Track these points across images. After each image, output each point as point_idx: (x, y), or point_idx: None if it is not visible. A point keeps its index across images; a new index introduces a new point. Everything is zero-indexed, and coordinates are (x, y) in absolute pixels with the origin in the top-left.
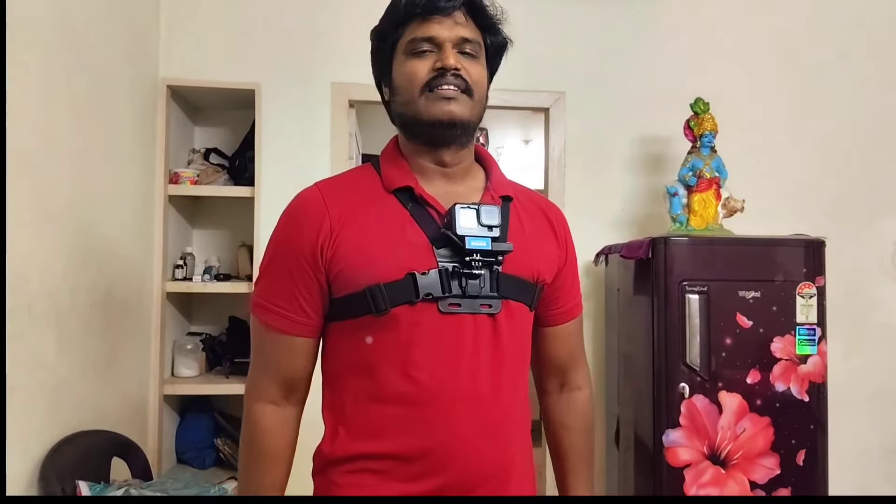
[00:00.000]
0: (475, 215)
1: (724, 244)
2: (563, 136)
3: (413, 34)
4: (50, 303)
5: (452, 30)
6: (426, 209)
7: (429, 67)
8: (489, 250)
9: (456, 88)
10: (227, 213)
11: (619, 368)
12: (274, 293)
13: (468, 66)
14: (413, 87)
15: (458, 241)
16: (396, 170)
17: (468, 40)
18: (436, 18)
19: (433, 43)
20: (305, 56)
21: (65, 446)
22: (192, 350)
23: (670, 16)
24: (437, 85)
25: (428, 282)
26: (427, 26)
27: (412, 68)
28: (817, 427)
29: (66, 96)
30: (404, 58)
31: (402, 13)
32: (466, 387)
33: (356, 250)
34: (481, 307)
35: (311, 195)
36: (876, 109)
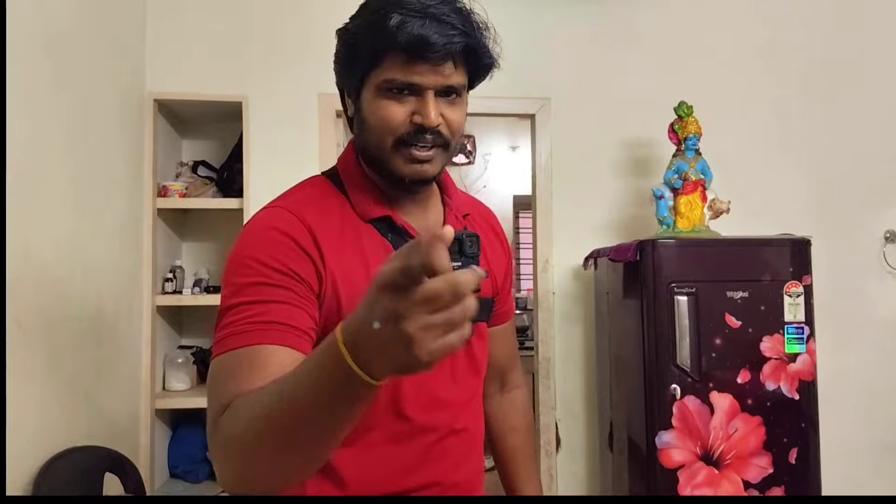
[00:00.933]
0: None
1: (711, 245)
2: (549, 142)
3: (392, 74)
4: (39, 317)
5: (438, 79)
6: (405, 240)
7: (405, 117)
8: None
9: (433, 147)
10: (216, 226)
11: (610, 371)
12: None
13: (449, 113)
14: (385, 135)
15: None
16: (368, 197)
17: (453, 87)
18: (422, 64)
19: (413, 89)
20: (292, 67)
21: (56, 463)
22: (183, 363)
23: (653, 21)
24: (413, 143)
25: None
26: (409, 71)
27: (386, 113)
28: (808, 425)
29: (52, 111)
30: (377, 94)
31: (382, 42)
32: (451, 416)
33: (347, 288)
34: None
35: (293, 223)
36: (859, 107)
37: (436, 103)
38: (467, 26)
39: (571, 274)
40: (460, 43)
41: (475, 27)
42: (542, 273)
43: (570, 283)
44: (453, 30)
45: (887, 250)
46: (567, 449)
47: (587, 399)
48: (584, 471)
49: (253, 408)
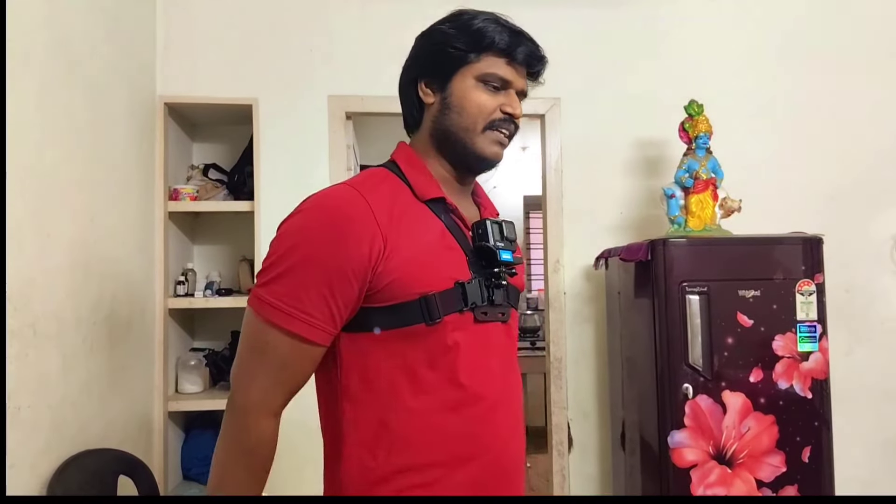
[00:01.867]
0: (500, 230)
1: (722, 244)
2: (559, 142)
3: (495, 69)
4: (53, 322)
5: (522, 82)
6: (457, 222)
7: (496, 106)
8: (512, 262)
9: (510, 135)
10: (227, 228)
11: (622, 371)
12: (302, 300)
13: (519, 112)
14: (479, 118)
15: (493, 252)
16: (425, 180)
17: (525, 92)
18: (519, 68)
19: (505, 84)
20: (302, 70)
21: (71, 466)
22: (195, 366)
23: (663, 19)
24: (500, 128)
25: (472, 289)
26: (510, 69)
27: (484, 100)
28: (821, 423)
29: (64, 116)
30: (476, 84)
31: (487, 43)
32: (499, 388)
33: (408, 260)
34: (500, 315)
35: (356, 202)
36: (870, 106)
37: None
38: (543, 52)
39: (582, 274)
40: (545, 63)
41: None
42: (553, 273)
43: (581, 283)
44: (539, 50)
45: None
46: (579, 449)
47: (599, 399)
48: (596, 470)
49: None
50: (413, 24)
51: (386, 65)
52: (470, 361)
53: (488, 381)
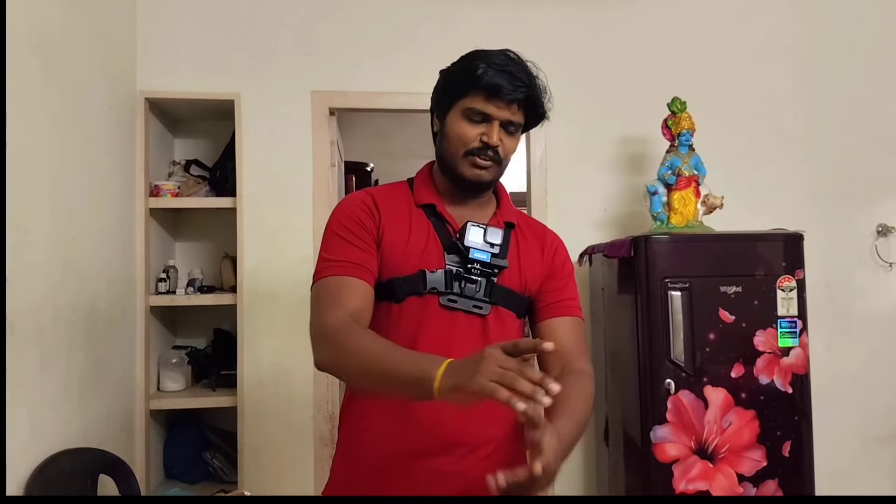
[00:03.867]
0: (482, 233)
1: (704, 241)
2: (543, 139)
3: (473, 104)
4: (31, 320)
5: (504, 114)
6: (444, 224)
7: (476, 135)
8: (488, 262)
9: (491, 161)
10: (209, 225)
11: (605, 367)
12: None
13: (506, 141)
14: (459, 147)
15: (464, 250)
16: (426, 190)
17: (512, 122)
18: (495, 102)
19: (486, 118)
20: (285, 65)
21: (50, 465)
22: (177, 364)
23: (646, 17)
24: (477, 155)
25: (435, 278)
26: (486, 104)
27: (463, 131)
28: (801, 418)
29: (42, 111)
30: (459, 117)
31: (471, 82)
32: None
33: (388, 249)
34: (473, 307)
35: (365, 198)
36: (850, 102)
37: (499, 131)
38: (530, 83)
39: None
40: (524, 93)
41: (536, 85)
42: None
43: None
44: (520, 83)
45: (879, 244)
46: None
47: None
48: (579, 465)
49: (364, 346)
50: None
51: (370, 61)
52: (429, 340)
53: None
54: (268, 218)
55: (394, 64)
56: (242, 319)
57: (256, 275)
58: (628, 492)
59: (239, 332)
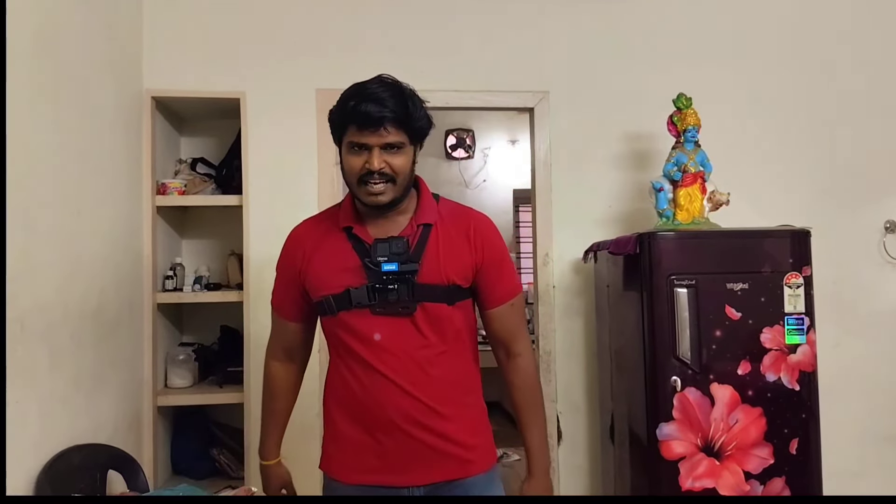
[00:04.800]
0: (388, 246)
1: (710, 237)
2: (548, 136)
3: (350, 138)
4: (41, 318)
5: (379, 139)
6: (361, 244)
7: (360, 165)
8: (397, 271)
9: (382, 181)
10: (215, 223)
11: (611, 364)
12: (278, 293)
13: (391, 160)
14: (351, 177)
15: (375, 266)
16: (347, 213)
17: (391, 143)
18: (367, 130)
19: (363, 146)
20: (290, 63)
21: (60, 461)
22: (184, 360)
23: (652, 13)
24: (366, 181)
25: (358, 294)
26: (360, 135)
27: (350, 163)
28: (809, 416)
29: (50, 111)
30: (346, 150)
31: (344, 118)
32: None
33: (316, 272)
34: (400, 309)
35: (295, 236)
36: (858, 98)
37: (379, 154)
38: (397, 104)
39: (571, 267)
40: (389, 116)
41: (406, 102)
42: (542, 267)
43: (570, 276)
44: (385, 108)
45: (887, 240)
46: (569, 441)
47: (588, 392)
48: (585, 463)
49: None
50: (401, 17)
51: (375, 58)
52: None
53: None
54: (274, 215)
55: (398, 62)
56: (249, 316)
57: (262, 272)
58: (634, 489)
59: (245, 329)
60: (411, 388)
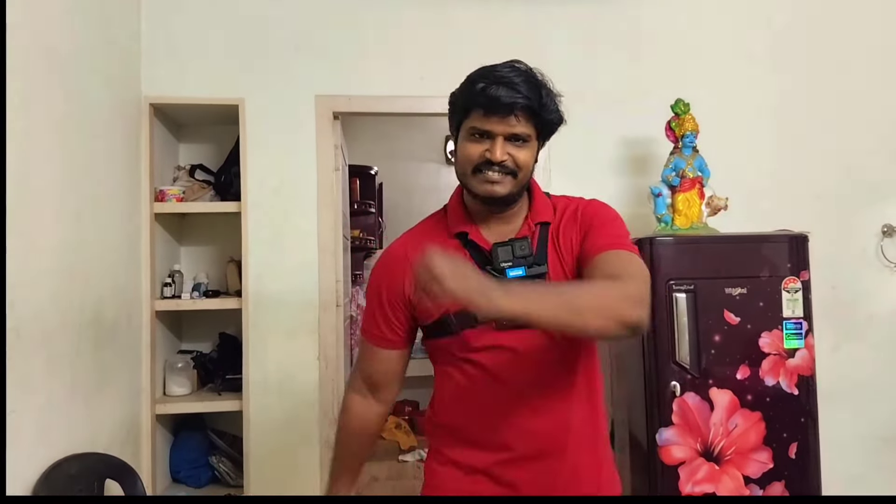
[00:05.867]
0: (510, 250)
1: (709, 242)
2: (547, 141)
3: (473, 123)
4: (37, 325)
5: (506, 128)
6: (480, 251)
7: (480, 153)
8: (525, 276)
9: (501, 173)
10: (214, 229)
11: (611, 369)
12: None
13: (515, 153)
14: (466, 165)
15: (499, 273)
16: (457, 217)
17: (518, 135)
18: (494, 117)
19: (488, 134)
20: (288, 69)
21: (57, 470)
22: (183, 368)
23: (650, 18)
24: (483, 170)
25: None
26: (485, 121)
27: (468, 151)
28: (808, 419)
29: (48, 118)
30: (464, 137)
31: (469, 101)
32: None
33: None
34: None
35: (393, 255)
36: (856, 102)
37: (503, 145)
38: (530, 90)
39: None
40: (521, 103)
41: (539, 91)
42: None
43: None
44: (517, 93)
45: (885, 245)
46: None
47: None
48: None
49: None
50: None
51: (374, 65)
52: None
53: (513, 374)
54: (272, 222)
55: (397, 67)
56: (248, 323)
57: (261, 279)
58: (634, 494)
59: (244, 337)
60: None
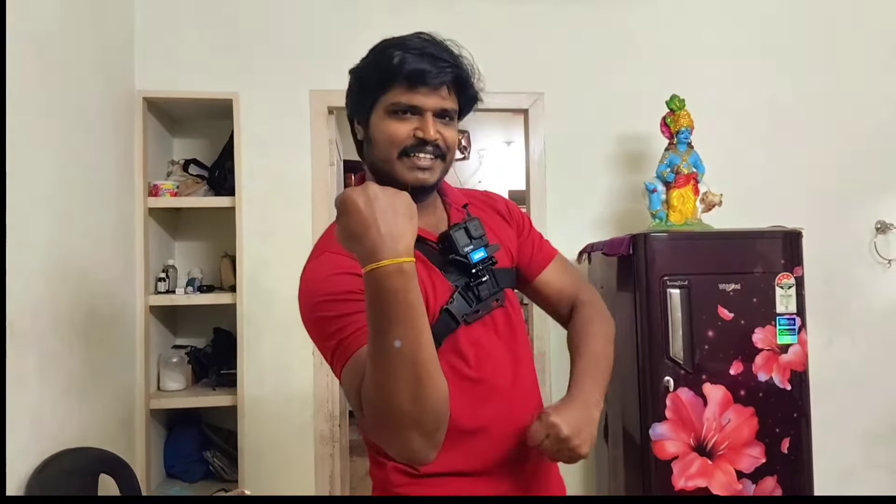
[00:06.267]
0: (465, 232)
1: (703, 238)
2: (542, 137)
3: (397, 98)
4: (30, 320)
5: (436, 101)
6: (424, 244)
7: (408, 132)
8: (487, 257)
9: (432, 157)
10: (208, 224)
11: None
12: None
13: (444, 131)
14: (391, 148)
15: (466, 260)
16: None
17: (447, 110)
18: (421, 89)
19: (415, 110)
20: (283, 64)
21: (51, 465)
22: (177, 363)
23: (646, 14)
24: (415, 153)
25: (457, 307)
26: (412, 95)
27: (392, 130)
28: (800, 415)
29: (40, 111)
30: (385, 116)
31: (390, 74)
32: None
33: None
34: (494, 304)
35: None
36: (849, 98)
37: (434, 122)
38: (455, 60)
39: None
40: (451, 73)
41: (462, 64)
42: None
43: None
44: (445, 63)
45: (878, 241)
46: None
47: None
48: (579, 463)
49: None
50: (397, 16)
51: None
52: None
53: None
54: (267, 217)
55: None
56: (242, 319)
57: (256, 274)
58: (627, 489)
59: (239, 332)
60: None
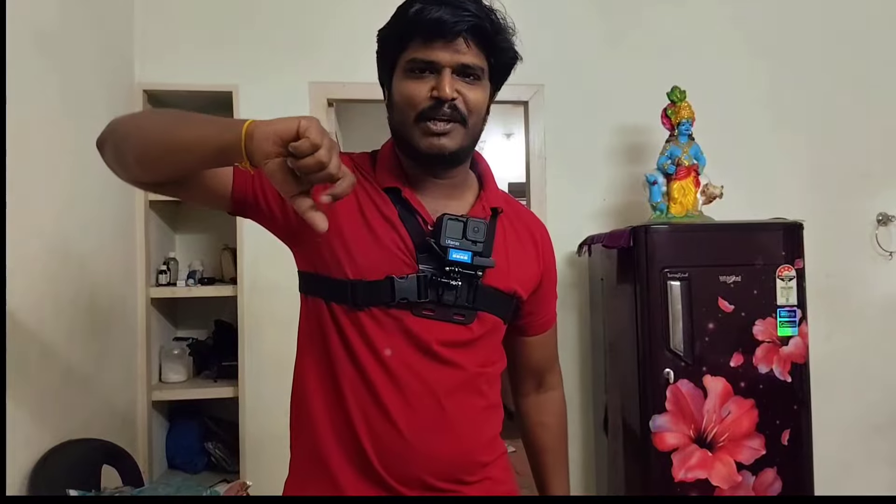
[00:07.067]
0: (462, 228)
1: (703, 230)
2: (542, 129)
3: (413, 54)
4: (32, 312)
5: (454, 56)
6: (415, 216)
7: (425, 93)
8: (469, 264)
9: (449, 121)
10: (209, 217)
11: (605, 356)
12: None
13: (466, 91)
14: (408, 111)
15: (441, 251)
16: (388, 171)
17: (469, 66)
18: (438, 43)
19: (433, 67)
20: (282, 56)
21: (53, 456)
22: (178, 355)
23: (646, 5)
24: (430, 117)
25: (405, 286)
26: (428, 49)
27: (409, 90)
28: (800, 407)
29: (41, 104)
30: (403, 76)
31: (404, 29)
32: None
33: (351, 244)
34: (454, 316)
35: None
36: (851, 90)
37: (451, 79)
38: (479, 10)
39: (566, 261)
40: (470, 21)
41: (488, 13)
42: None
43: (564, 269)
44: (464, 11)
45: (879, 233)
46: None
47: (582, 384)
48: (579, 454)
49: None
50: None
51: (368, 51)
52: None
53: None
54: None
55: None
56: (243, 310)
57: (256, 266)
58: (628, 481)
59: (240, 324)
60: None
